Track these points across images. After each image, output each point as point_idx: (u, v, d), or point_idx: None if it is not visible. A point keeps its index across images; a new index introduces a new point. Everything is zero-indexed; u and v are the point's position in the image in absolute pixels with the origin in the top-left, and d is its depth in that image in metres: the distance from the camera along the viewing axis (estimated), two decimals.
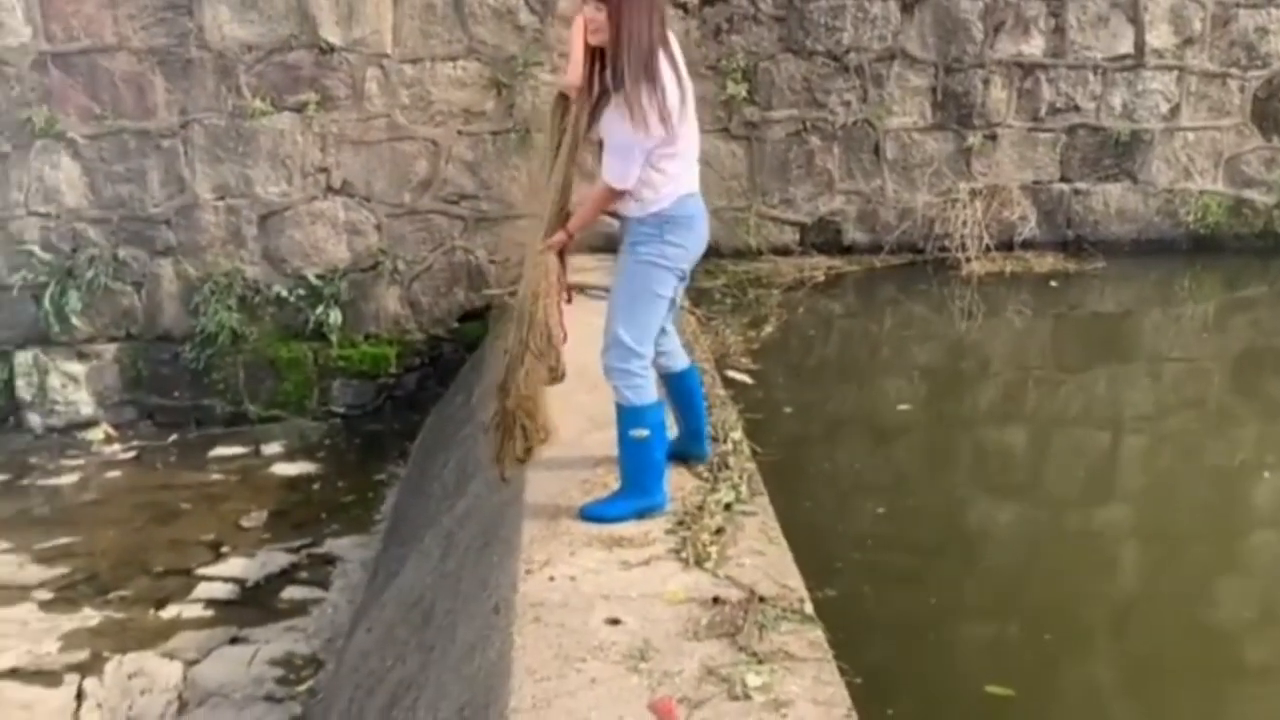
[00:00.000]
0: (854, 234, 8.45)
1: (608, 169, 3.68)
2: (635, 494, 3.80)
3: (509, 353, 3.89)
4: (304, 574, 5.95)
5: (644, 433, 3.75)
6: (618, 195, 3.74)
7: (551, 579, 3.44)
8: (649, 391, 3.77)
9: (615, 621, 3.23)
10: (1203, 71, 8.65)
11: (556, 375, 3.87)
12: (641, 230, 3.76)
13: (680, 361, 4.10)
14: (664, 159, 3.68)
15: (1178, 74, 8.62)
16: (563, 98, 3.89)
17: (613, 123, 3.62)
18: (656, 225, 3.73)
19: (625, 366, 3.73)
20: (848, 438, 5.84)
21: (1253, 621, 4.24)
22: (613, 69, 3.58)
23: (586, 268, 6.99)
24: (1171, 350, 7.41)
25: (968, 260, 8.22)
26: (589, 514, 3.79)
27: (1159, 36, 8.52)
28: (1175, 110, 8.67)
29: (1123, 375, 6.84)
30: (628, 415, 3.76)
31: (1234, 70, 8.67)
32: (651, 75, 3.54)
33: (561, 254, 3.89)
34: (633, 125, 3.56)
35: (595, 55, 3.68)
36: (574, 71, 3.78)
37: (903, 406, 6.15)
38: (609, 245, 4.41)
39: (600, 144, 3.74)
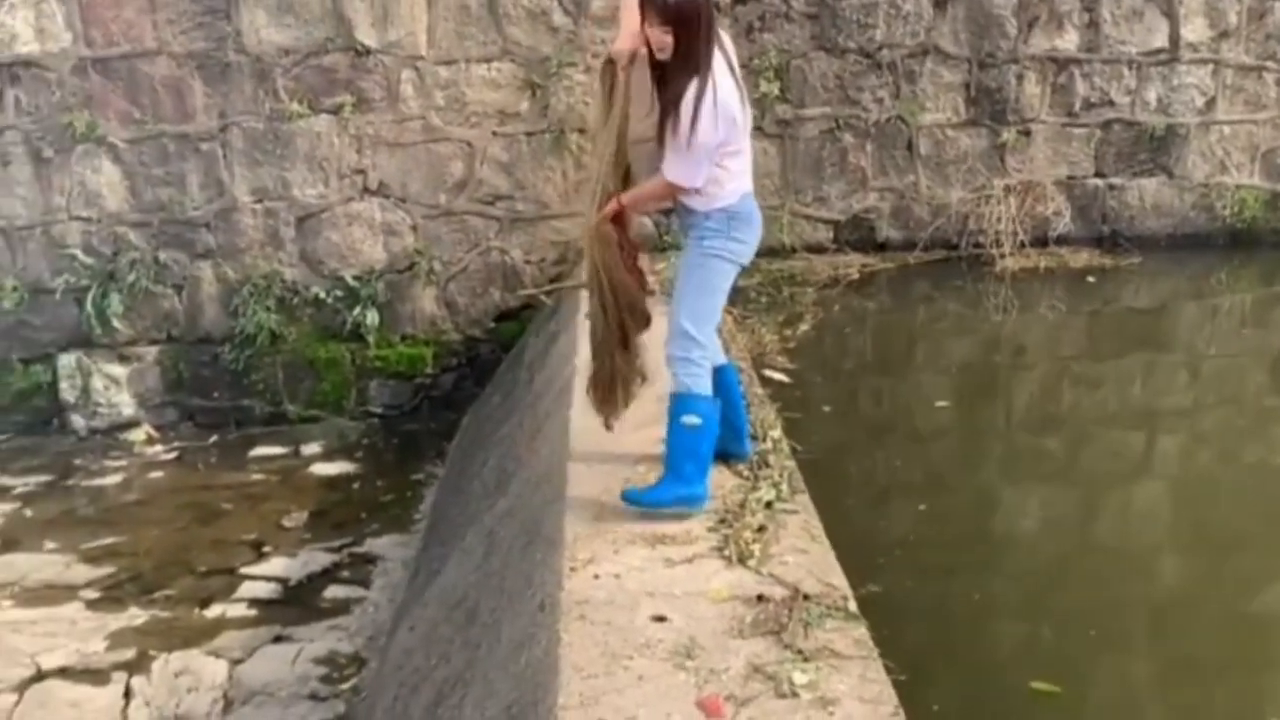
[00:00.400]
0: (888, 231, 8.44)
1: (672, 168, 3.73)
2: (677, 482, 3.81)
3: (594, 319, 4.00)
4: (345, 573, 6.00)
5: (695, 420, 3.79)
6: (678, 191, 3.79)
7: (596, 576, 3.45)
8: (706, 383, 3.83)
9: (661, 619, 3.23)
10: (1238, 65, 8.59)
11: (646, 322, 4.01)
12: (708, 225, 3.83)
13: (719, 358, 4.12)
14: (727, 157, 3.76)
15: (1213, 67, 8.56)
16: (611, 64, 3.92)
17: (679, 128, 3.65)
18: (723, 220, 3.82)
19: (687, 355, 3.81)
20: (886, 435, 5.84)
21: None
22: (677, 81, 3.64)
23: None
24: (1209, 346, 7.37)
25: (1002, 256, 8.19)
26: (630, 497, 3.83)
27: (1194, 30, 8.47)
28: (1211, 104, 8.61)
29: (1160, 371, 6.81)
30: (683, 402, 3.81)
31: (1270, 64, 8.61)
32: (710, 84, 3.62)
33: (619, 221, 3.92)
34: (696, 130, 3.61)
35: (657, 66, 3.73)
36: (625, 39, 3.83)
37: (940, 404, 6.15)
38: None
39: (660, 141, 3.75)
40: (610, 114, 3.90)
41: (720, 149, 3.71)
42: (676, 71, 3.64)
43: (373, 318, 7.81)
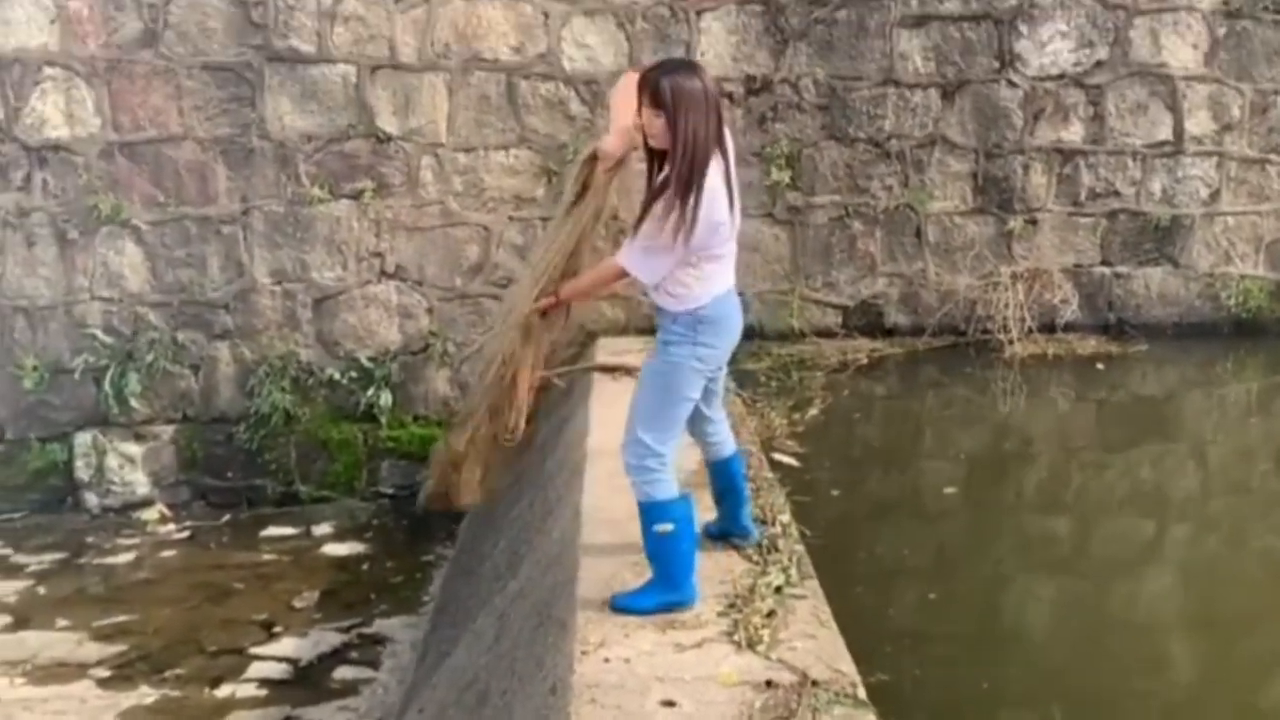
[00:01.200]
0: (896, 316, 8.51)
1: (630, 256, 3.61)
2: (663, 588, 3.74)
3: (473, 401, 3.86)
4: (355, 654, 6.00)
5: (668, 527, 3.68)
6: (622, 278, 3.69)
7: (607, 660, 3.44)
8: (669, 486, 3.70)
9: (670, 704, 3.23)
10: (1242, 157, 8.70)
11: (509, 438, 3.86)
12: (674, 329, 3.69)
13: (729, 448, 4.09)
14: (705, 260, 3.62)
15: (1217, 160, 8.68)
16: (593, 158, 3.87)
17: (654, 220, 3.51)
18: (690, 325, 3.66)
19: (641, 463, 3.67)
20: (894, 521, 5.84)
21: None
22: (667, 175, 3.49)
23: (632, 349, 7.10)
24: (1216, 434, 7.38)
25: (1010, 342, 8.24)
26: (617, 605, 3.72)
27: (1197, 123, 8.60)
28: (1215, 195, 8.71)
29: (1168, 458, 6.82)
30: (650, 510, 3.70)
31: (1273, 156, 8.72)
32: (699, 188, 3.46)
33: (546, 316, 3.87)
34: (672, 231, 3.47)
35: (653, 153, 3.64)
36: (615, 141, 3.76)
37: (948, 490, 6.16)
38: (651, 327, 4.47)
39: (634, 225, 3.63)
40: (576, 209, 3.81)
41: (699, 253, 3.56)
42: (670, 161, 3.47)
43: (386, 399, 7.89)
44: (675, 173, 3.46)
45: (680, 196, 3.45)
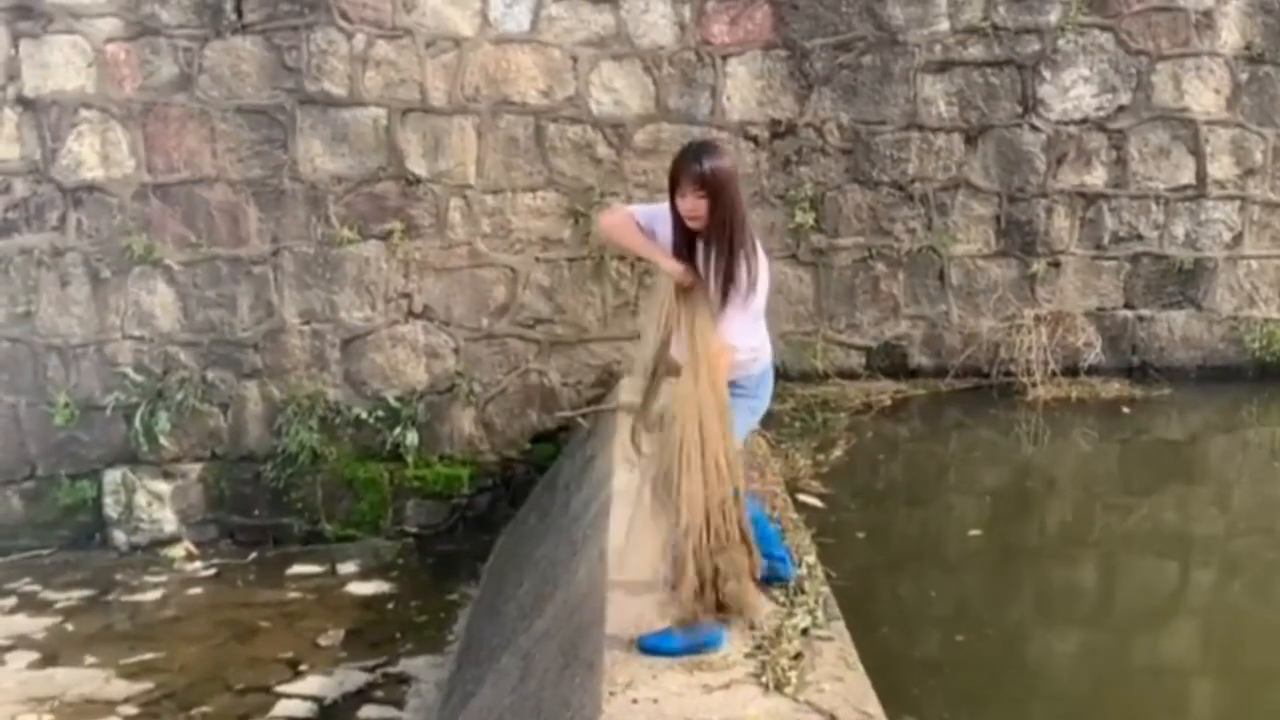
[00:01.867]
0: (919, 358, 8.52)
1: (730, 327, 3.81)
2: (691, 630, 3.75)
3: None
4: (380, 693, 6.00)
5: None
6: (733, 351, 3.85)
7: (635, 701, 3.46)
8: None
9: None
10: (1265, 201, 8.71)
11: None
12: (737, 389, 3.91)
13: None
14: (758, 317, 3.92)
15: (1240, 204, 8.68)
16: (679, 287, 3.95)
17: (737, 288, 3.77)
18: (753, 382, 4.00)
19: None
20: (919, 563, 5.84)
21: None
22: (727, 252, 3.75)
23: None
24: (1240, 477, 7.35)
25: (1033, 385, 8.24)
26: (646, 646, 3.76)
27: (1220, 168, 8.62)
28: (1238, 239, 8.71)
29: (1192, 502, 6.80)
30: None
31: None
32: (754, 248, 3.80)
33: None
34: (745, 294, 3.76)
35: (689, 235, 3.83)
36: (670, 261, 3.86)
37: (973, 532, 6.16)
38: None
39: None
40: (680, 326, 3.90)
41: (755, 310, 3.85)
42: (716, 238, 3.75)
43: (412, 438, 7.93)
44: (735, 238, 3.75)
45: (748, 259, 3.76)
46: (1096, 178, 8.55)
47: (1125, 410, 8.05)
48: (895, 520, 6.47)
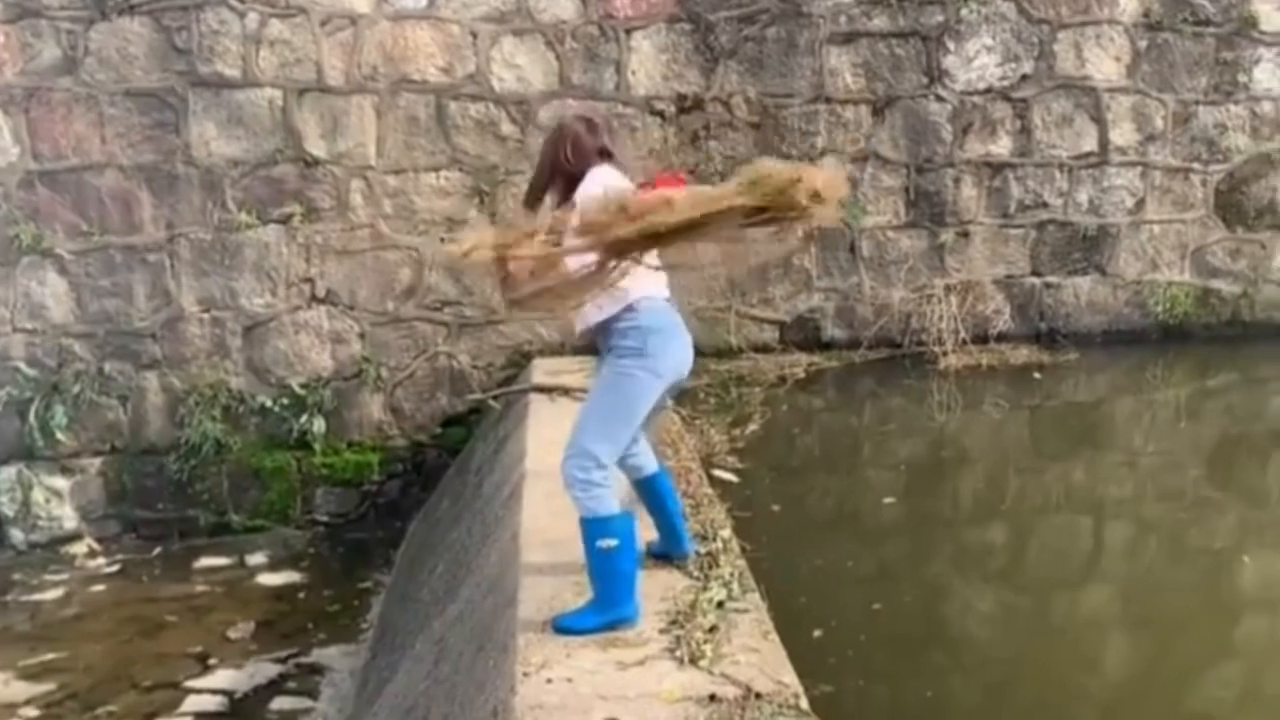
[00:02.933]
0: (833, 330, 8.59)
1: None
2: (605, 607, 3.74)
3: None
4: (292, 684, 5.92)
5: (610, 543, 3.68)
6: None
7: (549, 681, 3.43)
8: (610, 501, 3.72)
9: None
10: (1165, 167, 8.90)
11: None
12: (625, 345, 3.77)
13: (651, 465, 4.11)
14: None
15: (1141, 170, 8.86)
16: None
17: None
18: (639, 338, 3.75)
19: (587, 477, 3.68)
20: (836, 533, 5.86)
21: (1238, 704, 4.28)
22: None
23: (570, 370, 7.10)
24: (1147, 439, 7.51)
25: (944, 354, 8.36)
26: (560, 626, 3.72)
27: (1122, 134, 8.79)
28: (1140, 205, 8.90)
29: (1101, 464, 6.93)
30: (592, 526, 3.70)
31: (1195, 165, 8.92)
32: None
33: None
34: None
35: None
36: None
37: (888, 500, 6.21)
38: (589, 346, 4.48)
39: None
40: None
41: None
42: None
43: (319, 425, 7.81)
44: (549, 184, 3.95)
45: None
46: (1002, 147, 8.67)
47: (1036, 376, 8.19)
48: (811, 492, 6.51)
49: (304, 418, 7.81)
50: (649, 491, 4.12)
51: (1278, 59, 8.93)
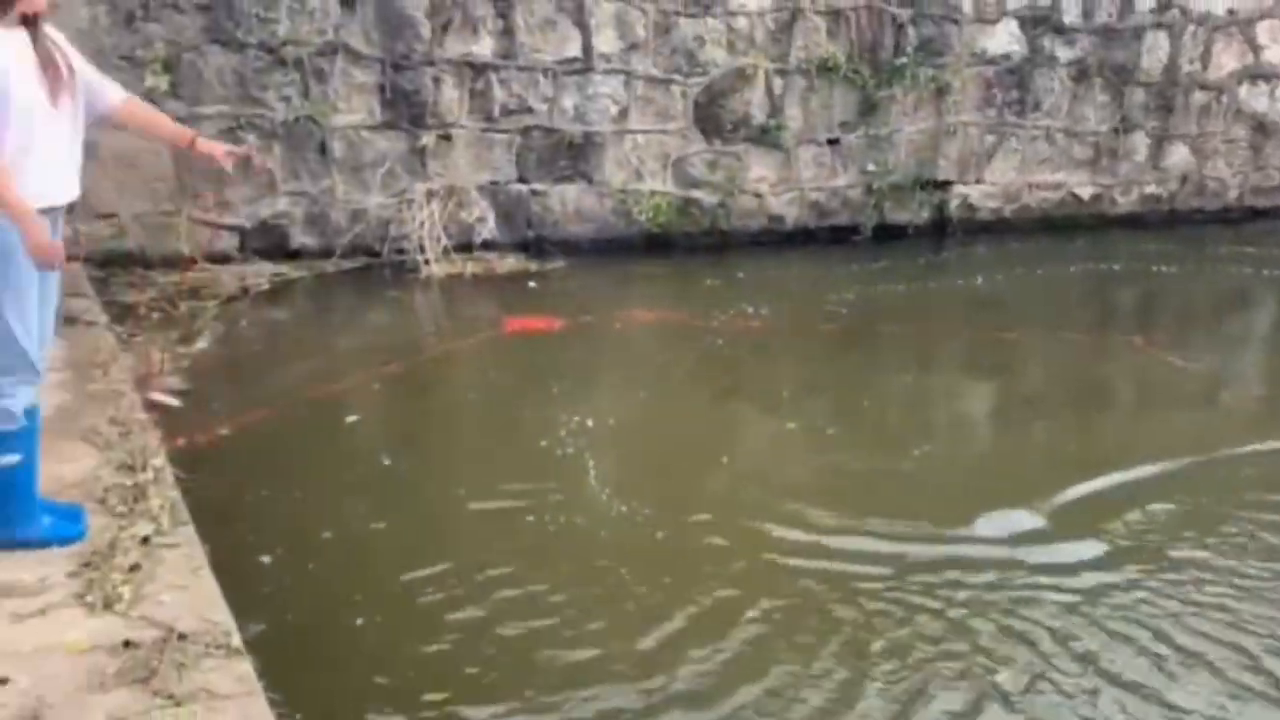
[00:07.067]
0: (302, 238, 8.40)
1: None
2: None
3: None
4: None
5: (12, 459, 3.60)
6: None
7: None
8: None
9: (2, 681, 3.00)
10: (648, 76, 9.34)
11: None
12: None
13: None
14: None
15: (625, 79, 9.25)
16: None
17: None
18: None
19: None
20: (288, 458, 5.59)
21: None
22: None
23: None
24: (625, 348, 7.82)
25: (427, 263, 8.41)
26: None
27: (606, 41, 9.11)
28: (624, 114, 9.30)
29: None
30: None
31: (677, 76, 9.43)
32: None
33: None
34: None
35: None
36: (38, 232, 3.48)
37: (351, 419, 6.08)
38: None
39: None
40: None
41: None
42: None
43: None
44: None
45: None
46: (484, 48, 8.74)
47: (532, 285, 8.38)
48: (268, 414, 6.16)
49: None
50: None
51: None
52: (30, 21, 3.50)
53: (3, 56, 3.41)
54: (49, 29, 3.61)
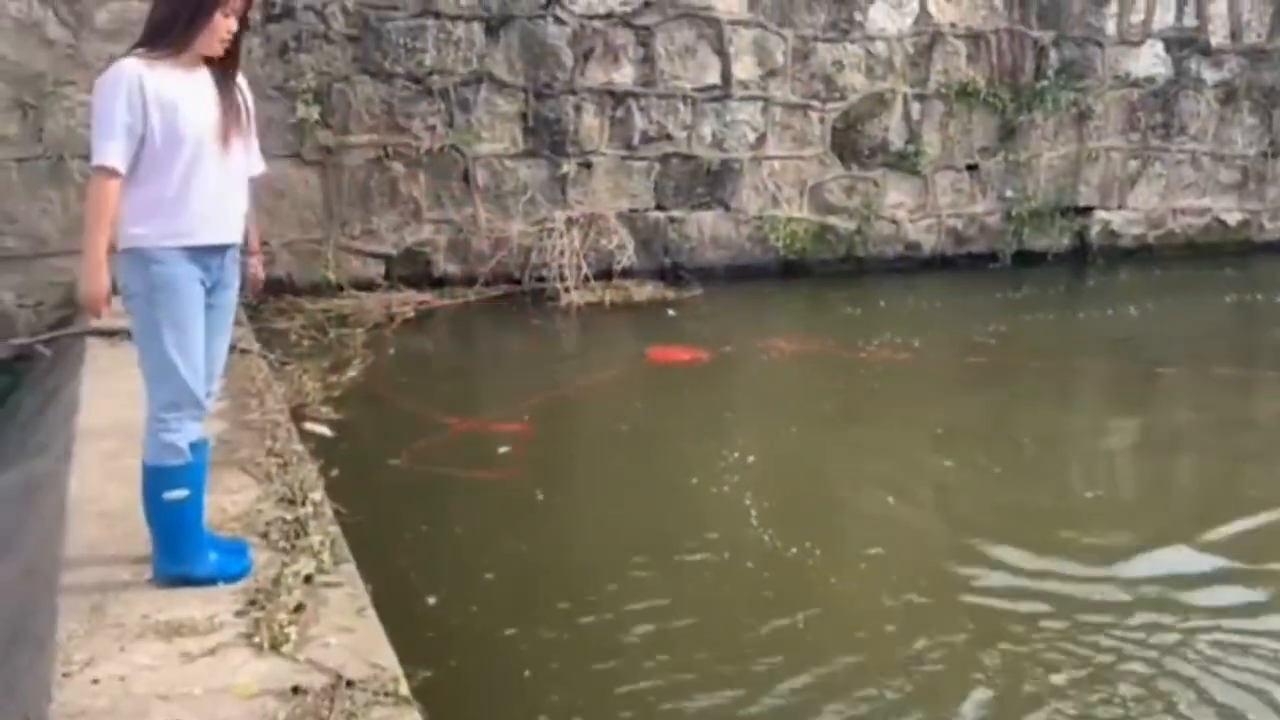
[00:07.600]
0: (445, 266, 8.41)
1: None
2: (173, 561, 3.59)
3: None
4: None
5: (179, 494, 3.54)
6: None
7: (96, 681, 3.09)
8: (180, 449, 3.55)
9: None
10: (785, 103, 9.23)
11: None
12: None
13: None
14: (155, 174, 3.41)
15: (763, 105, 9.14)
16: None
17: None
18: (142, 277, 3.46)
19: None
20: (445, 493, 5.57)
21: None
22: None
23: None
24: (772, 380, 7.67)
25: (567, 290, 8.37)
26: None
27: (744, 68, 9.02)
28: (761, 140, 9.19)
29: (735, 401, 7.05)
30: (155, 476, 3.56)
31: (814, 102, 9.30)
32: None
33: None
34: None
35: None
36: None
37: (503, 449, 6.02)
38: None
39: None
40: None
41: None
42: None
43: None
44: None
45: None
46: (625, 75, 8.69)
47: (671, 313, 8.30)
48: (420, 445, 6.16)
49: None
50: None
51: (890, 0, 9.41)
52: (219, 62, 3.49)
53: (174, 91, 3.38)
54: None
